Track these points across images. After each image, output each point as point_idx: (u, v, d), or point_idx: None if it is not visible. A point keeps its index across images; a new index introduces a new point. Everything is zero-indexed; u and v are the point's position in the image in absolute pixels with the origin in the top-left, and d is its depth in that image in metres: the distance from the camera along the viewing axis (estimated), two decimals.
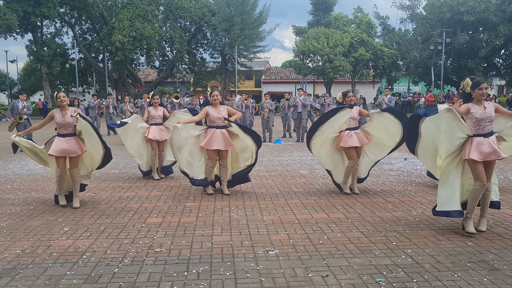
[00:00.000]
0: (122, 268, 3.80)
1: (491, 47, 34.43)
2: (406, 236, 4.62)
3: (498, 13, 33.95)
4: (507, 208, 5.75)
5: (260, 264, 3.87)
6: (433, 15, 36.54)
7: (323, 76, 38.14)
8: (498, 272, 3.67)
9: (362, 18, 38.99)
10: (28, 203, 6.26)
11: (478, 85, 4.59)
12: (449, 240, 4.48)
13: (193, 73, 41.52)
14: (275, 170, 9.04)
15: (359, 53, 36.44)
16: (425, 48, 36.91)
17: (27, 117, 12.57)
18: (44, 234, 4.78)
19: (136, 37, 33.25)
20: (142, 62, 42.81)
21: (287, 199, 6.38)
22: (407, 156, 10.74)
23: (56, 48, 36.52)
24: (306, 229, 4.89)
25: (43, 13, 32.19)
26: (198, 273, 3.69)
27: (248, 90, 39.78)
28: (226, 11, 38.77)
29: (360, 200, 6.33)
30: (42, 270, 3.78)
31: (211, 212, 5.66)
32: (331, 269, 3.74)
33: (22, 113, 12.32)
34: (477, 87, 4.59)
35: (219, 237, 4.63)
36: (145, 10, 35.04)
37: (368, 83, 40.72)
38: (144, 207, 5.97)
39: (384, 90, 13.73)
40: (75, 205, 5.96)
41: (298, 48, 37.13)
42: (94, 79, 39.96)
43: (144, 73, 52.39)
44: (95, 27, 38.62)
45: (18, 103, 12.65)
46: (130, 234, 4.74)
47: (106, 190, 7.12)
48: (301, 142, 14.55)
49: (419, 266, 3.81)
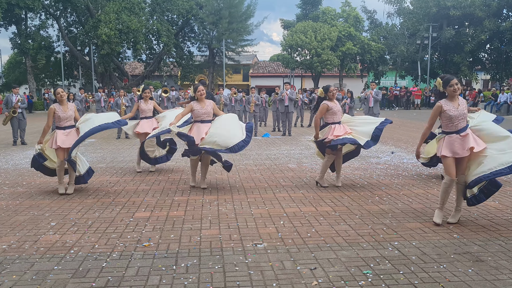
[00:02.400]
0: (110, 263, 3.78)
1: (476, 41, 34.82)
2: (392, 229, 4.68)
3: (484, 8, 34.33)
4: (491, 200, 5.84)
5: (249, 257, 3.89)
6: (420, 10, 36.83)
7: (311, 70, 38.18)
8: (483, 263, 3.74)
9: (349, 12, 39.05)
10: (14, 198, 6.19)
11: (448, 83, 4.75)
12: (435, 232, 4.54)
13: (181, 67, 41.25)
14: (263, 164, 9.06)
15: (346, 47, 36.53)
16: (412, 42, 37.21)
17: (21, 110, 12.45)
18: (30, 229, 4.74)
19: (123, 30, 32.88)
20: (128, 56, 42.43)
21: (275, 193, 6.40)
22: (394, 150, 10.83)
23: (41, 41, 35.88)
24: (295, 222, 4.92)
25: (27, 5, 31.62)
26: (187, 267, 3.69)
27: (236, 84, 39.55)
28: (213, 4, 38.52)
29: (348, 193, 6.38)
30: (29, 265, 3.75)
31: (200, 206, 5.66)
32: (319, 262, 3.77)
33: (16, 107, 12.20)
34: (448, 84, 4.75)
35: (207, 231, 4.63)
36: (131, 3, 34.63)
37: (356, 77, 40.89)
38: (132, 201, 5.94)
39: (371, 84, 13.79)
40: (69, 191, 6.40)
41: (286, 42, 37.09)
42: (80, 73, 39.48)
43: (131, 66, 51.91)
44: (81, 20, 38.09)
45: (12, 96, 12.53)
46: (118, 229, 4.73)
47: (93, 184, 7.07)
48: (288, 136, 14.58)
49: (406, 258, 3.86)
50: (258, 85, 40.66)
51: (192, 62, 41.78)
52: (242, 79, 50.77)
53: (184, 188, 6.78)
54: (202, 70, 41.59)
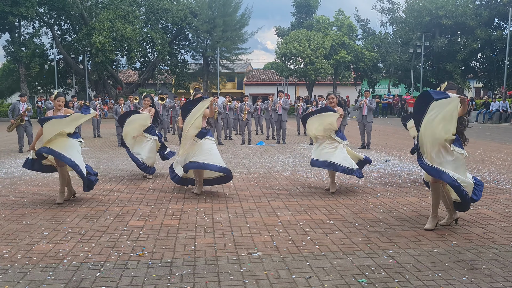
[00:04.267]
0: (104, 272, 3.75)
1: (468, 50, 35.21)
2: (387, 237, 4.68)
3: (475, 17, 34.75)
4: (485, 208, 5.87)
5: (244, 266, 3.88)
6: (413, 19, 37.22)
7: (304, 78, 38.36)
8: (477, 271, 3.75)
9: (343, 21, 39.35)
10: (6, 206, 6.13)
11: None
12: (430, 240, 4.55)
13: (175, 75, 41.29)
14: (257, 172, 9.06)
15: (340, 55, 36.79)
16: (405, 51, 37.55)
17: (28, 118, 12.61)
18: (23, 238, 4.69)
19: (117, 38, 32.91)
20: (122, 64, 42.41)
21: (270, 201, 6.40)
22: (388, 158, 10.87)
23: (34, 49, 35.79)
24: (289, 231, 4.91)
25: (21, 13, 31.54)
26: (181, 276, 3.67)
27: (230, 92, 39.64)
28: (208, 13, 38.66)
29: (342, 201, 6.38)
30: (22, 275, 3.71)
31: (194, 215, 5.64)
32: (314, 271, 3.77)
33: (23, 115, 12.38)
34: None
35: (202, 240, 4.61)
36: (126, 11, 34.70)
37: (350, 85, 41.13)
38: (126, 209, 5.91)
39: (364, 93, 13.86)
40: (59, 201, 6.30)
41: (280, 50, 37.27)
42: (73, 80, 39.37)
43: (125, 74, 51.90)
44: (75, 28, 38.07)
45: (19, 104, 12.73)
46: (112, 238, 4.69)
47: (87, 193, 7.02)
48: (282, 144, 14.60)
49: (401, 266, 3.86)
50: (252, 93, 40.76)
51: (186, 70, 41.86)
52: (236, 87, 50.89)
53: (178, 196, 6.75)
54: (196, 78, 41.64)
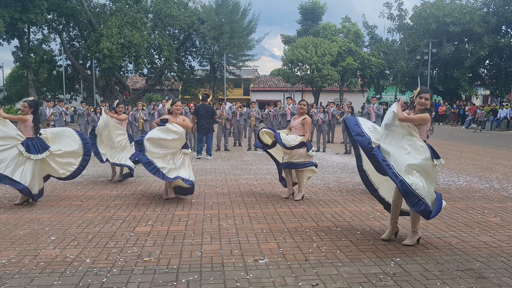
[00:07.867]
0: (110, 278, 3.76)
1: (476, 57, 35.04)
2: (394, 245, 4.65)
3: (483, 25, 34.61)
4: (493, 216, 5.82)
5: (250, 273, 3.87)
6: (420, 26, 37.17)
7: (311, 84, 38.38)
8: (485, 280, 3.71)
9: (350, 27, 39.41)
10: (14, 211, 6.17)
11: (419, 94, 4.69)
12: (437, 249, 4.52)
13: (182, 81, 41.48)
14: (264, 178, 9.05)
15: (347, 62, 36.79)
16: (412, 58, 37.47)
17: (54, 123, 12.94)
18: (30, 243, 4.71)
19: (125, 44, 33.12)
20: (130, 70, 42.66)
21: (277, 208, 6.38)
22: None
23: (43, 55, 36.10)
24: (296, 238, 4.89)
25: (31, 19, 31.83)
26: (187, 282, 3.67)
27: (236, 98, 39.75)
28: (215, 20, 38.88)
29: (349, 208, 6.36)
30: (29, 280, 3.72)
31: (200, 221, 5.64)
32: (321, 278, 3.75)
33: (50, 120, 12.69)
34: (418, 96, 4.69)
35: (208, 246, 4.61)
36: (133, 18, 34.95)
37: (357, 92, 41.07)
38: (132, 215, 5.92)
39: (371, 99, 13.83)
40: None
41: (287, 57, 37.36)
42: (81, 86, 39.66)
43: (132, 80, 52.19)
44: (83, 34, 38.37)
45: (45, 109, 13.03)
46: (119, 243, 4.70)
47: (94, 198, 7.05)
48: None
49: (408, 274, 3.83)
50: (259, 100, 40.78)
51: (193, 76, 42.06)
52: (243, 93, 51.00)
53: (184, 202, 6.76)
54: (203, 84, 41.85)
